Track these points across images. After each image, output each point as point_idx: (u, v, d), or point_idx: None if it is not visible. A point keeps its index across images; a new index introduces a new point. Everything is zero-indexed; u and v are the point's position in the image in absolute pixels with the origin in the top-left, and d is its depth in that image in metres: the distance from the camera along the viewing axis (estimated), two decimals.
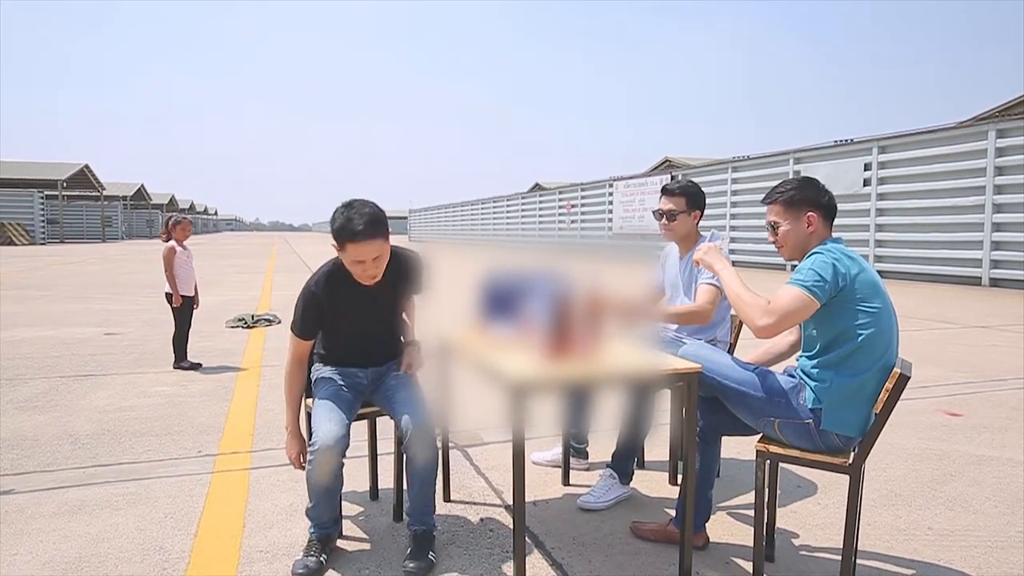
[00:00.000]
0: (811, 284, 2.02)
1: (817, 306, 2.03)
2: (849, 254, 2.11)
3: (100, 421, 4.02)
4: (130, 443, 3.63)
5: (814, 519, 2.75)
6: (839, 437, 2.06)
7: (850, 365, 2.05)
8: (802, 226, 2.23)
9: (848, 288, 2.03)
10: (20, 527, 2.61)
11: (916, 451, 3.57)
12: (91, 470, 3.23)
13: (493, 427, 3.80)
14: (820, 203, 2.25)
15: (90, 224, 48.45)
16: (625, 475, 2.93)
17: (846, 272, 2.05)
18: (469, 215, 45.51)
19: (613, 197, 26.46)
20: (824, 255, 2.08)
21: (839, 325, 2.05)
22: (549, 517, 2.76)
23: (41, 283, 13.50)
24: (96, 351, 6.24)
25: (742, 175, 19.86)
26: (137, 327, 7.61)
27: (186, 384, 4.97)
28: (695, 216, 3.11)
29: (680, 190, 3.12)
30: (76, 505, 2.82)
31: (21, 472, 3.19)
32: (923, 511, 2.82)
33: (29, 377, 5.15)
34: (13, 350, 6.26)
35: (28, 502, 2.85)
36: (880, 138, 15.48)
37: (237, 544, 2.48)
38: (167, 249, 5.40)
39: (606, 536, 2.59)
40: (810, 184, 2.29)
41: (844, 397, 2.04)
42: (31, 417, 4.09)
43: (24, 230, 36.61)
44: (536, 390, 2.12)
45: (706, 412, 2.32)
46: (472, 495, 2.98)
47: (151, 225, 62.00)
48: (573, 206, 30.17)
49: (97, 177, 46.35)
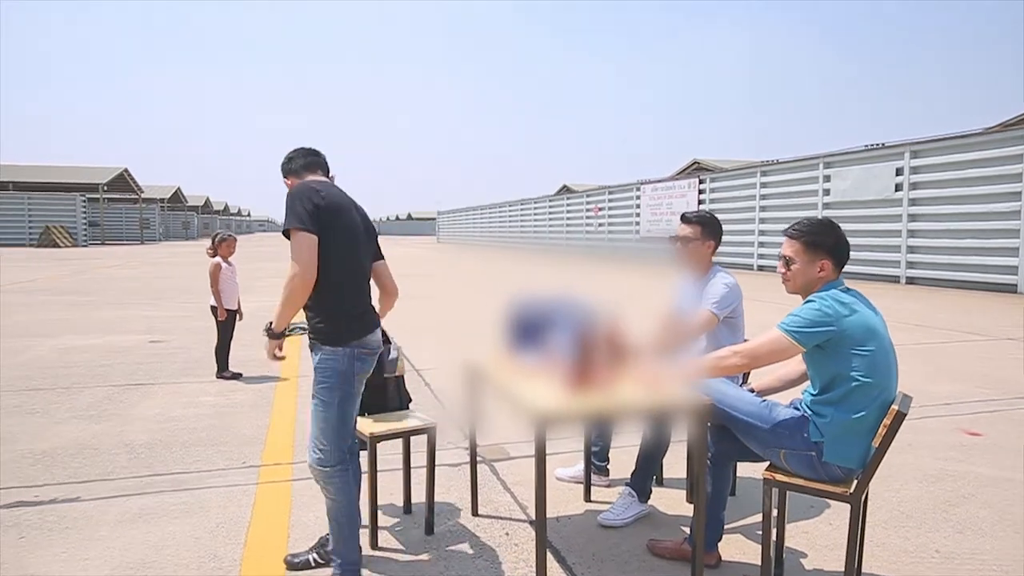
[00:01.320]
0: (794, 329, 2.21)
1: (799, 349, 2.22)
2: (842, 300, 2.25)
3: (152, 431, 4.30)
4: (180, 453, 3.90)
5: (824, 539, 2.88)
6: (840, 468, 2.21)
7: (849, 403, 2.19)
8: (814, 269, 2.37)
9: (838, 334, 2.19)
10: (88, 533, 2.87)
11: (931, 472, 3.66)
12: (147, 479, 3.49)
13: (518, 441, 3.99)
14: (837, 252, 2.38)
15: (129, 226, 49.91)
16: (644, 493, 3.09)
17: (836, 321, 2.20)
18: (497, 217, 45.79)
19: (640, 200, 26.47)
20: (816, 303, 2.24)
21: (833, 368, 2.21)
22: (571, 533, 2.94)
23: (85, 288, 14.06)
24: (143, 359, 6.58)
25: (771, 179, 19.77)
26: (180, 335, 7.97)
27: (228, 394, 5.25)
28: (709, 246, 3.26)
29: (697, 219, 3.28)
30: (136, 513, 3.08)
31: (85, 480, 3.47)
32: (932, 533, 2.93)
33: (84, 386, 5.49)
34: (67, 358, 6.63)
35: (93, 509, 3.12)
36: (913, 142, 15.30)
37: (283, 554, 2.70)
38: (213, 265, 5.70)
39: (624, 552, 2.76)
40: (832, 230, 2.42)
41: (844, 432, 2.19)
42: (89, 426, 4.39)
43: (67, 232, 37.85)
44: (558, 421, 2.30)
45: (718, 439, 2.48)
46: (498, 509, 3.17)
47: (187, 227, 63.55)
48: (600, 209, 30.22)
49: (136, 180, 47.69)
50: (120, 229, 49.33)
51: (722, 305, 3.10)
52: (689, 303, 3.36)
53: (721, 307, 3.10)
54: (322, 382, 2.39)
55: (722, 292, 3.12)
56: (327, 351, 2.39)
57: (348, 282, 2.44)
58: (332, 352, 2.38)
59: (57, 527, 2.93)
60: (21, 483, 3.41)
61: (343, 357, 2.39)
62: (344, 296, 2.42)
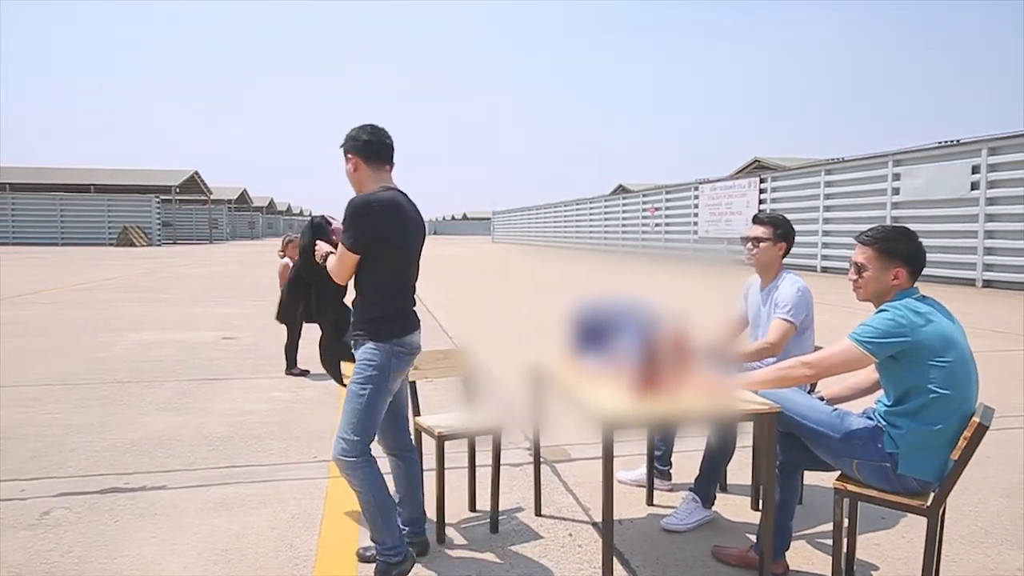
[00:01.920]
0: (866, 340, 2.16)
1: (871, 360, 2.16)
2: (918, 309, 2.19)
3: (228, 424, 4.52)
4: (256, 446, 4.08)
5: (897, 552, 2.81)
6: (916, 481, 2.16)
7: (926, 415, 2.14)
8: (888, 277, 2.32)
9: (913, 345, 2.13)
10: (175, 520, 3.06)
11: (1013, 486, 3.51)
12: (226, 470, 3.68)
13: (580, 443, 4.02)
14: (913, 260, 2.32)
15: (199, 226, 52.13)
16: (707, 499, 3.08)
17: (910, 331, 2.14)
18: (552, 217, 45.76)
19: (699, 200, 26.02)
20: (890, 312, 2.18)
21: (909, 380, 2.16)
22: (634, 536, 2.95)
23: (162, 286, 14.78)
24: (217, 355, 6.90)
25: (836, 178, 19.13)
26: (250, 332, 8.31)
27: (297, 391, 5.46)
28: (780, 248, 3.22)
29: (770, 220, 3.24)
30: (217, 502, 3.26)
31: (170, 469, 3.69)
32: (1014, 551, 2.82)
33: (164, 380, 5.80)
34: (148, 352, 7.01)
35: (178, 498, 3.31)
36: (990, 139, 14.56)
37: (356, 547, 2.81)
38: (282, 266, 5.94)
39: (688, 558, 2.76)
40: (909, 238, 2.36)
41: (921, 444, 2.14)
42: (171, 418, 4.65)
43: (143, 232, 39.80)
44: (623, 425, 2.32)
45: (786, 447, 2.45)
46: (561, 510, 3.21)
47: (252, 227, 65.91)
48: (657, 209, 29.85)
49: (205, 182, 49.76)
50: (190, 229, 51.58)
51: (796, 313, 3.05)
52: (755, 308, 3.33)
53: (796, 315, 3.05)
54: (359, 372, 2.50)
55: (795, 298, 3.07)
56: (369, 346, 2.51)
57: (394, 286, 2.57)
58: (374, 347, 2.50)
59: (147, 513, 3.13)
60: (114, 471, 3.65)
61: (383, 352, 2.49)
62: (390, 298, 2.56)
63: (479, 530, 3.01)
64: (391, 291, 2.56)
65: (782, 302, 3.10)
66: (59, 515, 3.08)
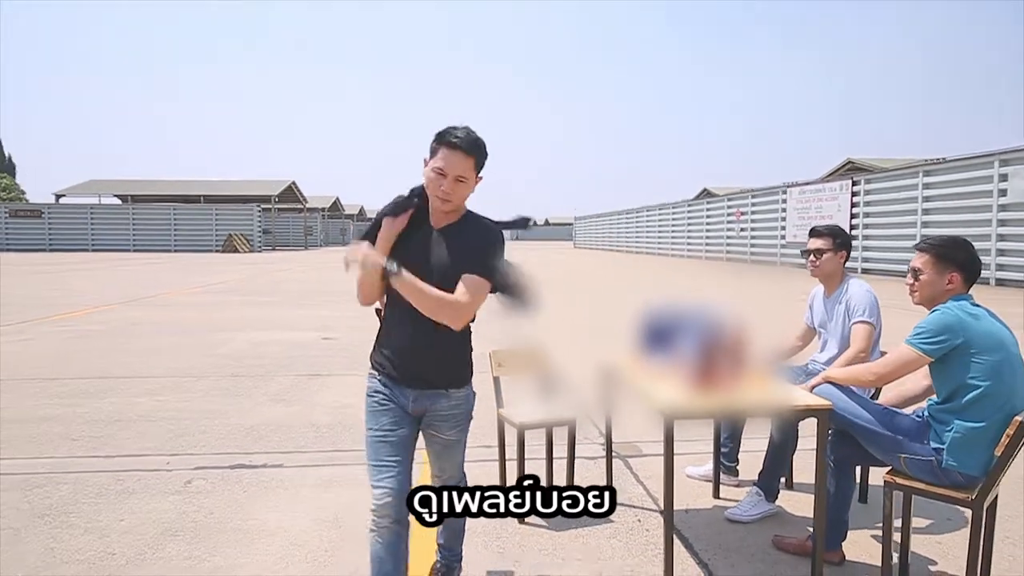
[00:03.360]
0: (920, 342, 2.33)
1: (927, 360, 2.33)
2: (970, 311, 2.35)
3: (332, 414, 5.05)
4: (356, 434, 4.56)
5: (957, 550, 2.91)
6: (961, 475, 2.30)
7: (972, 412, 2.29)
8: (942, 281, 2.48)
9: (964, 344, 2.29)
10: (294, 493, 3.55)
11: None
12: (332, 453, 4.17)
13: (650, 440, 4.26)
14: (968, 267, 2.48)
15: (295, 233, 55.25)
16: (771, 492, 3.27)
17: (961, 329, 2.30)
18: (634, 223, 45.45)
19: (787, 204, 25.31)
20: (943, 313, 2.35)
21: (958, 377, 2.31)
22: (699, 524, 3.19)
23: (264, 290, 15.95)
24: (319, 353, 7.54)
25: (936, 180, 18.21)
26: (347, 333, 8.97)
27: None
28: (841, 256, 3.38)
29: (828, 231, 3.42)
30: (327, 480, 3.73)
31: (285, 451, 4.21)
32: None
33: (274, 375, 6.45)
34: (259, 350, 7.75)
35: (295, 475, 3.81)
36: None
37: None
38: None
39: (750, 546, 2.97)
40: (965, 247, 2.53)
41: (965, 439, 2.29)
42: (284, 408, 5.23)
43: (245, 239, 42.56)
44: (682, 415, 2.58)
45: (839, 444, 2.64)
46: (631, 499, 3.48)
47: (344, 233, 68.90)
48: (743, 214, 29.19)
49: (301, 191, 52.64)
50: (287, 236, 54.73)
51: (871, 312, 3.23)
52: (821, 317, 3.49)
53: (871, 314, 3.22)
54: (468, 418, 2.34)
55: (869, 300, 3.26)
56: (471, 388, 2.33)
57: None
58: (470, 389, 2.33)
59: (270, 486, 3.63)
60: (239, 450, 4.21)
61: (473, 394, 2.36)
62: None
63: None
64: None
65: (858, 307, 3.27)
66: (199, 484, 3.64)
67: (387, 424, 2.22)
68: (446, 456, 2.37)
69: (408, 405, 2.24)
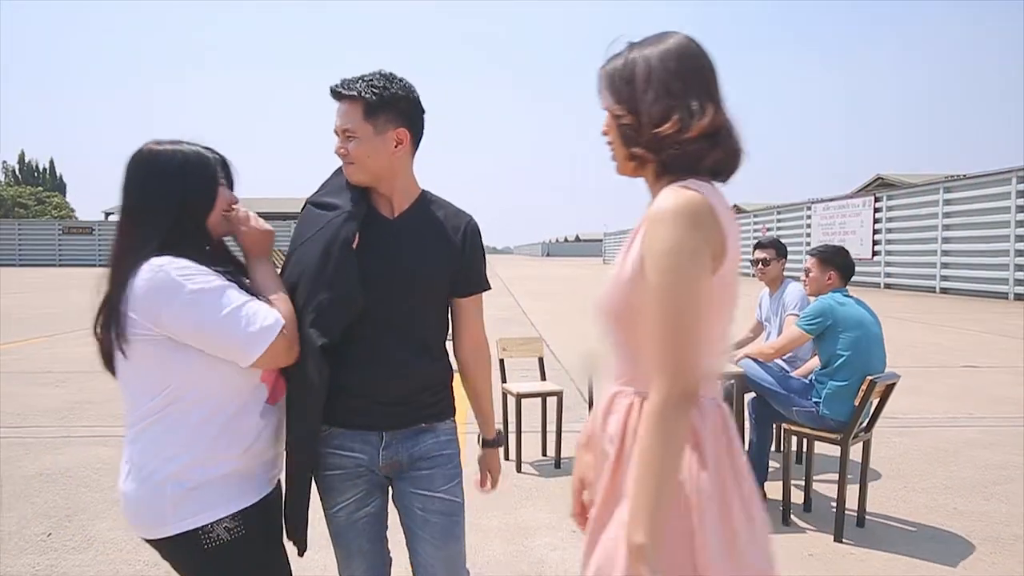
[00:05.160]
0: (803, 323, 3.15)
1: (808, 337, 3.15)
2: (840, 300, 3.15)
3: None
4: None
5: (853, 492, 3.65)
6: (834, 421, 3.09)
7: (839, 374, 3.09)
8: (824, 278, 3.30)
9: (833, 324, 3.10)
10: None
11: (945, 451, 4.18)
12: None
13: None
14: (843, 267, 3.30)
15: None
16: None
17: (831, 313, 3.11)
18: None
19: (812, 220, 25.73)
20: (820, 302, 3.18)
21: (830, 349, 3.12)
22: None
23: None
24: None
25: (956, 196, 18.56)
26: None
27: None
28: (781, 263, 4.20)
29: (770, 243, 4.24)
30: None
31: None
32: (918, 492, 3.59)
33: None
34: None
35: None
36: None
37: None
38: None
39: None
40: (843, 253, 3.37)
41: (834, 395, 3.09)
42: None
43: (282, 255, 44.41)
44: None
45: (758, 405, 3.45)
46: None
47: None
48: (768, 230, 29.63)
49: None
50: None
51: (802, 307, 4.02)
52: (766, 312, 4.30)
53: (801, 309, 4.01)
54: (459, 469, 1.70)
55: (798, 296, 4.04)
56: (453, 422, 1.72)
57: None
58: (455, 425, 1.73)
59: None
60: None
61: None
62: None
63: (546, 467, 4.16)
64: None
65: (790, 303, 4.06)
66: None
67: (355, 496, 1.63)
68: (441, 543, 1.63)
69: (376, 458, 1.60)
